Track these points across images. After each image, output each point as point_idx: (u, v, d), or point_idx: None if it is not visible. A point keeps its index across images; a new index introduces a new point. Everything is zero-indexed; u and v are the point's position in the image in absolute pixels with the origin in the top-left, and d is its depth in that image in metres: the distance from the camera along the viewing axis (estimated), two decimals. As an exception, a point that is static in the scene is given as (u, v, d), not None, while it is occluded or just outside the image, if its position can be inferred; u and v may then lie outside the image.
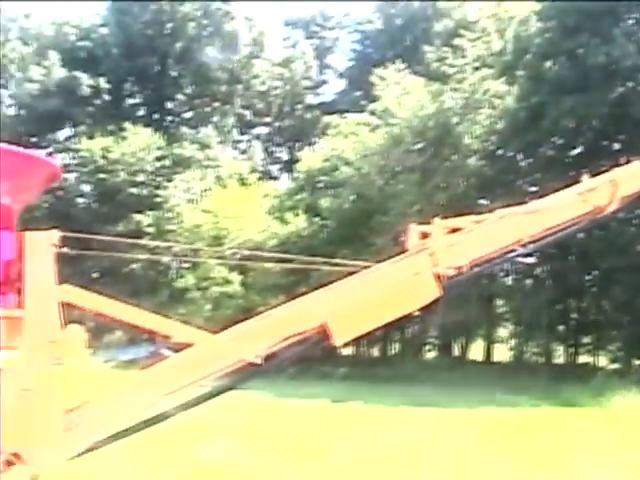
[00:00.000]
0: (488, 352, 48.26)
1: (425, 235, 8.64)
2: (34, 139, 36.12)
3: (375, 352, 46.60)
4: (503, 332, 50.83)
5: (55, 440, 7.65)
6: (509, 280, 46.85)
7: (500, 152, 41.56)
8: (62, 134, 49.10)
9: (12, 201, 8.49)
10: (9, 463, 7.65)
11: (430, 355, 47.89)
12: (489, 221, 8.74)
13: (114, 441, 8.45)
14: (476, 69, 41.26)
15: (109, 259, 30.46)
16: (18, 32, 51.28)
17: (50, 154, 33.06)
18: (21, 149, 8.55)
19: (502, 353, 48.86)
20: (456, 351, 49.70)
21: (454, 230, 8.72)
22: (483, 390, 28.38)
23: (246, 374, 8.68)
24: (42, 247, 7.76)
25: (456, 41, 43.12)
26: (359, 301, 8.37)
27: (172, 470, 11.26)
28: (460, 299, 34.43)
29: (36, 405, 7.52)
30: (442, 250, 8.46)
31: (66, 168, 38.98)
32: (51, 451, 7.75)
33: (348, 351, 39.14)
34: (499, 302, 49.04)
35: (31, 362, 7.57)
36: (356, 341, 9.99)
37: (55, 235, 7.82)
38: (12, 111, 49.29)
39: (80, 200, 41.26)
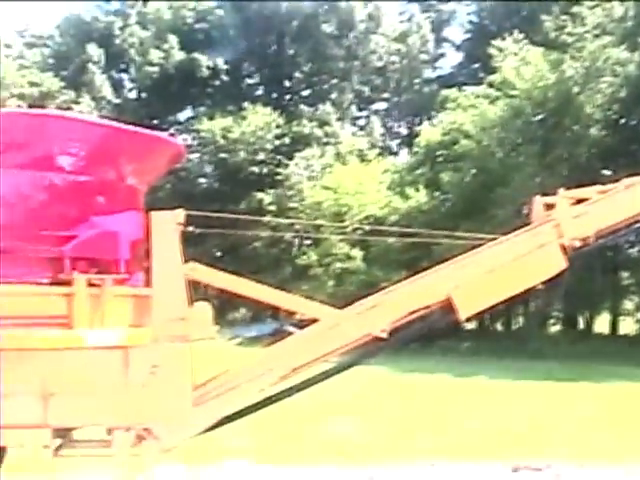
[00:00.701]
0: (614, 325, 47.11)
1: (550, 207, 8.44)
2: (155, 121, 36.82)
3: (499, 326, 46.05)
4: (629, 305, 49.58)
5: (184, 415, 7.82)
6: (635, 251, 45.58)
7: (623, 121, 40.32)
8: (183, 116, 50.00)
9: (138, 182, 8.68)
10: (140, 438, 7.86)
11: (554, 328, 47.03)
12: (615, 191, 8.47)
13: (242, 417, 8.59)
14: (596, 36, 40.01)
15: (231, 238, 30.91)
16: (137, 17, 52.28)
17: (172, 135, 33.58)
18: (146, 130, 8.71)
19: (628, 326, 47.64)
20: (581, 324, 48.69)
21: (579, 201, 8.49)
22: (609, 364, 27.73)
23: (371, 349, 8.68)
24: (168, 226, 7.91)
25: (575, 9, 41.89)
26: (484, 274, 8.27)
27: (300, 446, 11.36)
28: (585, 271, 33.66)
29: (165, 381, 7.69)
30: (567, 221, 8.26)
31: (188, 149, 39.64)
32: (181, 426, 7.92)
33: (471, 325, 38.78)
34: (624, 274, 47.77)
35: (160, 339, 7.74)
36: (480, 315, 9.92)
37: (180, 214, 7.95)
38: (133, 94, 50.44)
39: (202, 180, 41.99)
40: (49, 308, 7.45)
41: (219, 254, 32.58)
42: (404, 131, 60.30)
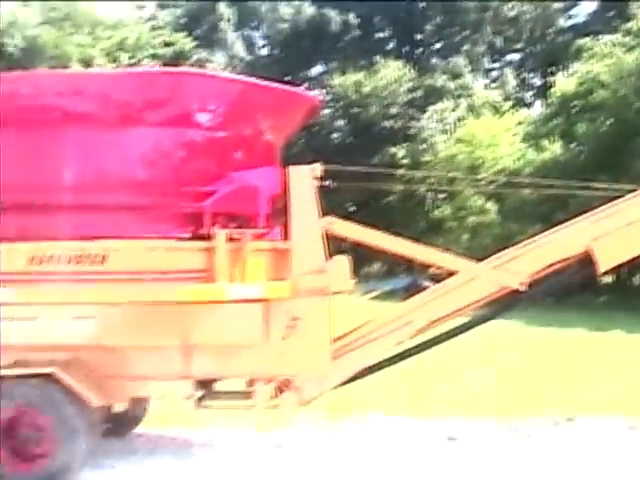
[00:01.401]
0: None
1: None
2: (287, 78, 36.99)
3: (636, 280, 44.67)
4: None
5: (323, 368, 7.86)
6: None
7: None
8: (314, 71, 50.03)
9: (275, 137, 8.68)
10: (280, 389, 7.95)
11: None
12: None
13: (378, 370, 8.58)
14: None
15: (365, 192, 30.90)
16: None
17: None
18: (281, 85, 8.70)
19: None
20: None
21: None
22: None
23: (507, 303, 8.53)
24: (305, 181, 7.91)
25: None
26: (623, 227, 7.99)
27: (435, 399, 11.30)
28: None
29: (305, 334, 7.74)
30: None
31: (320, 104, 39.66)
32: (320, 378, 7.96)
33: (608, 279, 37.74)
34: None
35: (299, 292, 7.77)
36: (616, 269, 9.60)
37: (317, 168, 7.93)
38: (265, 51, 50.76)
39: (334, 135, 42.06)
40: (190, 263, 7.58)
41: (353, 209, 32.59)
42: (538, 82, 58.70)
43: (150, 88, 7.69)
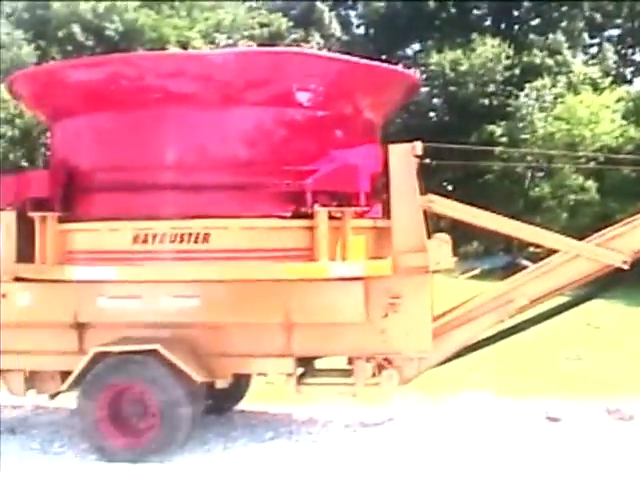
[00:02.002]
0: None
1: None
2: (384, 56, 36.73)
3: None
4: None
5: (424, 346, 7.77)
6: None
7: None
8: (410, 50, 49.55)
9: (375, 115, 8.60)
10: (381, 368, 7.89)
11: None
12: None
13: (478, 349, 8.46)
14: None
15: (463, 171, 30.49)
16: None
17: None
18: (381, 64, 8.60)
19: None
20: None
21: None
22: None
23: (608, 282, 8.32)
24: (406, 159, 7.81)
25: None
26: None
27: (535, 379, 11.09)
28: None
29: (406, 312, 7.66)
30: None
31: (418, 82, 39.25)
32: (421, 357, 7.88)
33: None
34: None
35: (400, 270, 7.69)
36: None
37: (418, 146, 7.82)
38: (361, 30, 50.42)
39: (431, 114, 41.61)
40: (292, 241, 7.57)
41: (450, 187, 32.21)
42: (638, 58, 57.12)
43: (251, 68, 7.68)
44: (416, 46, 49.51)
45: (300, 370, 7.97)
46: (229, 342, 7.73)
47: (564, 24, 49.62)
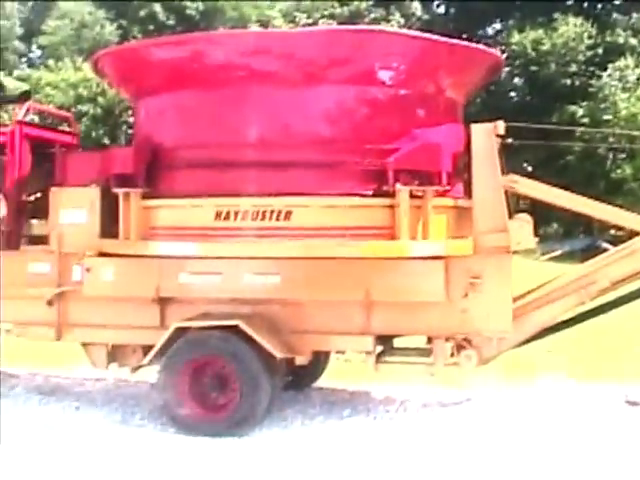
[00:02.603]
0: None
1: None
2: (464, 36, 36.25)
3: None
4: None
5: (504, 327, 7.70)
6: None
7: None
8: (491, 29, 48.91)
9: (457, 94, 8.53)
10: (460, 348, 7.86)
11: None
12: None
13: (558, 331, 8.37)
14: None
15: (543, 151, 30.06)
16: None
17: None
18: (464, 42, 8.51)
19: None
20: None
21: None
22: None
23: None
24: (488, 138, 7.75)
25: None
26: None
27: (614, 363, 10.91)
28: None
29: (486, 292, 7.60)
30: None
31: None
32: (500, 338, 7.83)
33: None
34: None
35: (481, 250, 7.64)
36: None
37: (500, 126, 7.75)
38: (442, 9, 49.93)
39: (512, 94, 41.07)
40: (373, 219, 7.57)
41: (530, 168, 31.79)
42: None
43: (334, 46, 7.67)
44: (497, 25, 48.84)
45: (379, 348, 7.97)
46: (309, 319, 7.77)
47: (649, 2, 48.35)
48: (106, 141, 16.86)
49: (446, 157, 7.72)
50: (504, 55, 38.01)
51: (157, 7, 33.20)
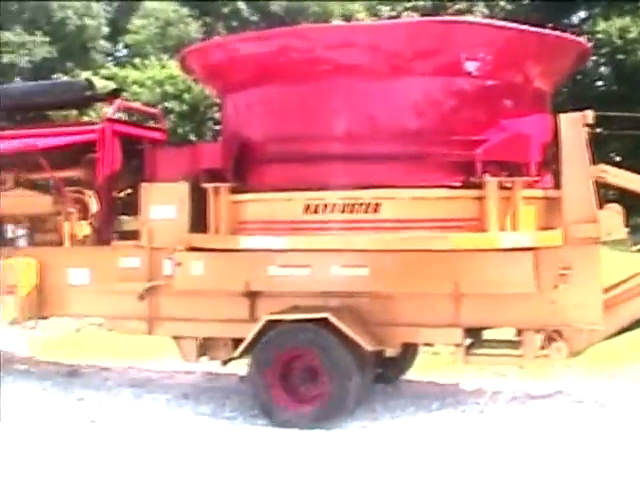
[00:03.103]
0: None
1: None
2: (549, 24, 35.83)
3: None
4: None
5: (595, 318, 7.67)
6: None
7: None
8: (576, 18, 48.20)
9: (545, 84, 8.53)
10: (550, 340, 7.86)
11: None
12: None
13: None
14: None
15: (632, 141, 29.53)
16: None
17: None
18: (551, 31, 8.51)
19: None
20: None
21: None
22: None
23: None
24: (577, 128, 7.73)
25: None
26: None
27: None
28: None
29: (576, 284, 7.60)
30: None
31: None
32: (590, 330, 7.81)
33: None
34: None
35: (570, 241, 7.64)
36: None
37: (589, 115, 7.73)
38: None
39: (599, 83, 40.44)
40: (461, 211, 7.64)
41: (618, 158, 31.27)
42: None
43: (419, 38, 7.75)
44: (582, 14, 48.09)
45: (468, 341, 8.04)
46: (398, 312, 7.89)
47: None
48: (192, 137, 17.17)
49: (535, 148, 7.76)
50: (590, 44, 37.50)
51: (241, 4, 33.60)
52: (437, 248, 7.50)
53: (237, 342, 8.26)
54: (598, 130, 7.89)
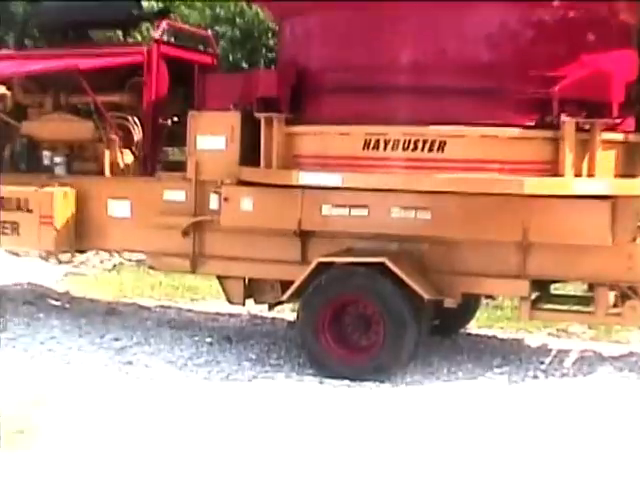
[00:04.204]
0: None
1: None
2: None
3: None
4: None
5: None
6: None
7: None
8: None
9: (631, 17, 8.37)
10: (624, 297, 7.83)
11: None
12: None
13: None
14: None
15: None
16: None
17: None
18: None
19: None
20: None
21: None
22: None
23: None
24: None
25: None
26: None
27: None
28: None
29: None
30: None
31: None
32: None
33: None
34: None
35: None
36: None
37: (679, 53, 7.61)
38: None
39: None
40: (534, 153, 7.59)
41: None
42: None
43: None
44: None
45: (535, 294, 8.04)
46: (460, 259, 7.94)
47: None
48: (244, 65, 16.99)
49: (618, 87, 7.61)
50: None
51: None
52: (506, 192, 7.42)
53: (286, 285, 8.34)
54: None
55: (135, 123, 9.68)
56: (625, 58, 8.09)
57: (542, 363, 8.55)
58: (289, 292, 8.14)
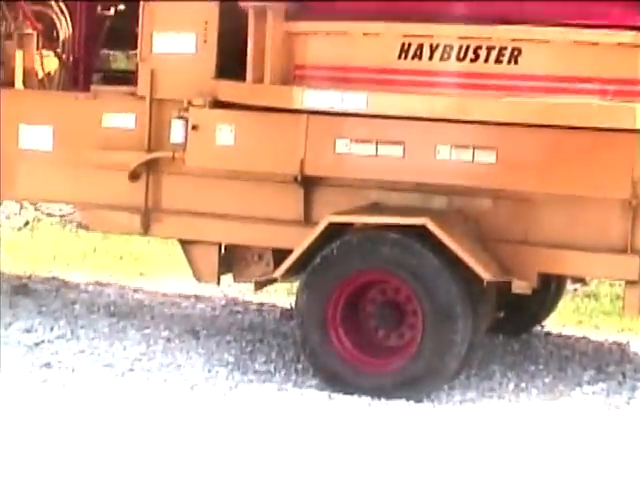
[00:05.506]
0: None
1: None
2: None
3: None
4: None
5: None
6: None
7: None
8: None
9: None
10: None
11: None
12: None
13: None
14: None
15: None
16: None
17: None
18: None
19: None
20: None
21: None
22: None
23: None
24: None
25: None
26: None
27: None
28: None
29: None
30: None
31: None
32: None
33: None
34: None
35: None
36: None
37: None
38: None
39: None
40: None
41: None
42: None
43: None
44: None
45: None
46: (537, 224, 7.88)
47: None
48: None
49: None
50: None
51: None
52: (610, 126, 7.31)
53: (281, 256, 8.32)
54: None
55: (62, 11, 9.52)
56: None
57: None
58: (285, 266, 8.02)
